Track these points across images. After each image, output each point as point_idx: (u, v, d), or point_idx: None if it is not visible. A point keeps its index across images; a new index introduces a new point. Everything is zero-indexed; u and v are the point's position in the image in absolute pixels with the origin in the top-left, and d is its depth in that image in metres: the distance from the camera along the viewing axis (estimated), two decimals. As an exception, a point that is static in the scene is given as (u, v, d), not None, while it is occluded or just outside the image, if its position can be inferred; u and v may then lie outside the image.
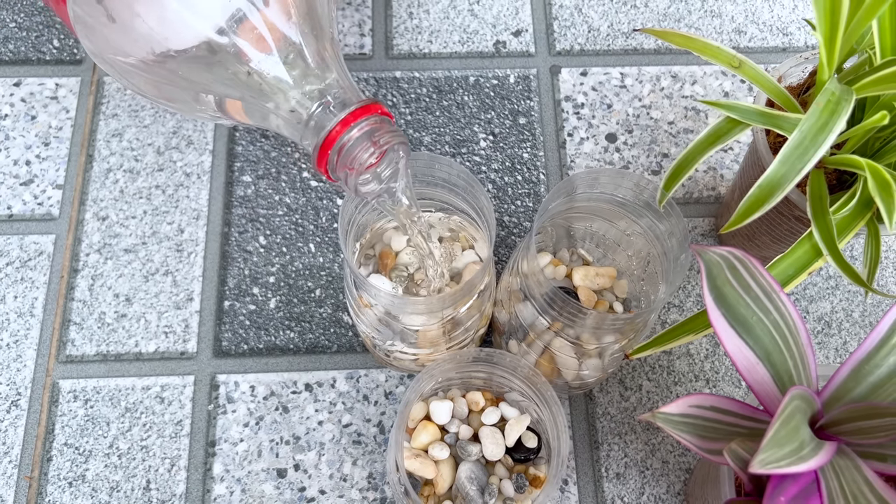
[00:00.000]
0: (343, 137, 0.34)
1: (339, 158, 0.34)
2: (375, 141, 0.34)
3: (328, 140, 0.34)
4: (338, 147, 0.34)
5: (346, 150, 0.34)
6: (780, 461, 0.28)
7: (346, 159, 0.34)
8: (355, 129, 0.34)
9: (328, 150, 0.34)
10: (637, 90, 0.55)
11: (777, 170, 0.31)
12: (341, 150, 0.34)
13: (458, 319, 0.40)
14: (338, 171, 0.35)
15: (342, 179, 0.35)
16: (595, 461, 0.45)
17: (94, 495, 0.44)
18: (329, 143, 0.34)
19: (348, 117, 0.34)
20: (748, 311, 0.32)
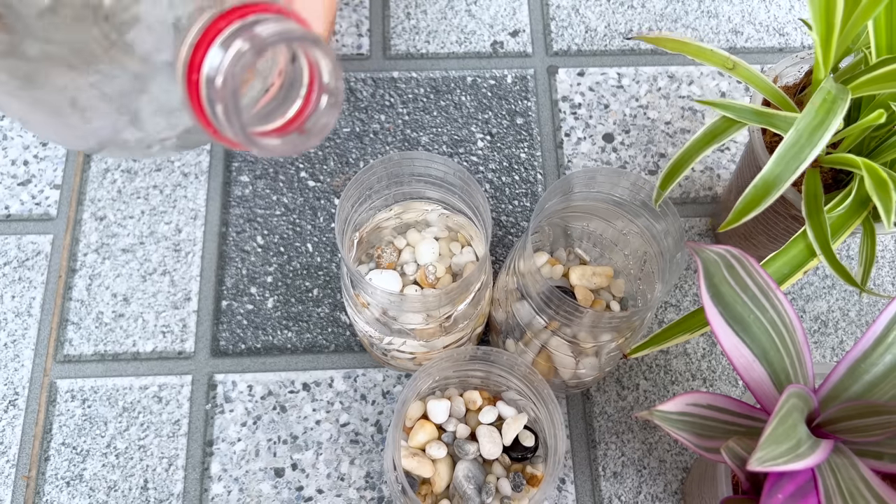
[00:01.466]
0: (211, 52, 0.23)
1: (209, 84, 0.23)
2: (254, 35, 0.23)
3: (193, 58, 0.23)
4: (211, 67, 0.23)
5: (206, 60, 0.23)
6: (777, 459, 0.28)
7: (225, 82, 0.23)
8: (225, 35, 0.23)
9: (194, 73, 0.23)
10: (634, 90, 0.55)
11: (773, 169, 0.32)
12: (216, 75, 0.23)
13: (455, 318, 0.40)
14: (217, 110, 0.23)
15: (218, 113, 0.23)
16: (592, 460, 0.45)
17: (91, 495, 0.44)
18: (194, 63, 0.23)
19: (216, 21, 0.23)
20: (745, 310, 0.32)
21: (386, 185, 0.39)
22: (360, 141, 0.53)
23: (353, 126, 0.53)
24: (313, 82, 0.25)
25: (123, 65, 0.25)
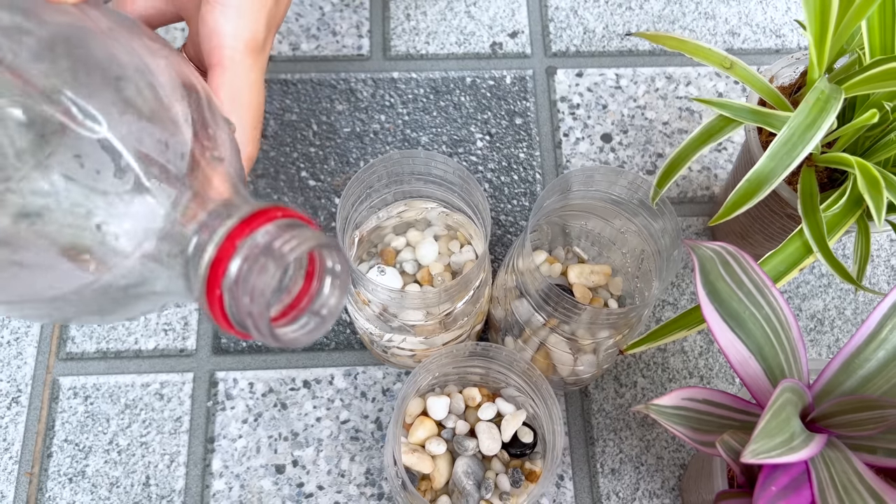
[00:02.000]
0: (232, 265, 0.22)
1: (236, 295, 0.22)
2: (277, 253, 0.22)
3: (213, 272, 0.22)
4: (229, 281, 0.22)
5: (242, 283, 0.22)
6: (770, 451, 0.28)
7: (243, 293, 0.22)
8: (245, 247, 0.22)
9: (216, 288, 0.22)
10: (632, 91, 0.55)
11: (766, 164, 0.32)
12: (238, 283, 0.22)
13: (454, 315, 0.40)
14: (242, 316, 0.22)
15: (249, 327, 0.23)
16: (590, 457, 0.46)
17: (94, 491, 0.45)
18: (214, 277, 0.22)
19: (232, 233, 0.22)
20: (741, 306, 0.32)
21: (386, 183, 0.39)
22: (360, 141, 0.53)
23: (353, 126, 0.53)
24: (313, 266, 0.24)
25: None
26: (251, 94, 0.31)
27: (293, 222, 0.23)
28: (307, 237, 0.22)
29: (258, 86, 0.32)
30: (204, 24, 0.31)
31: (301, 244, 0.22)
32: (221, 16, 0.31)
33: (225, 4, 0.31)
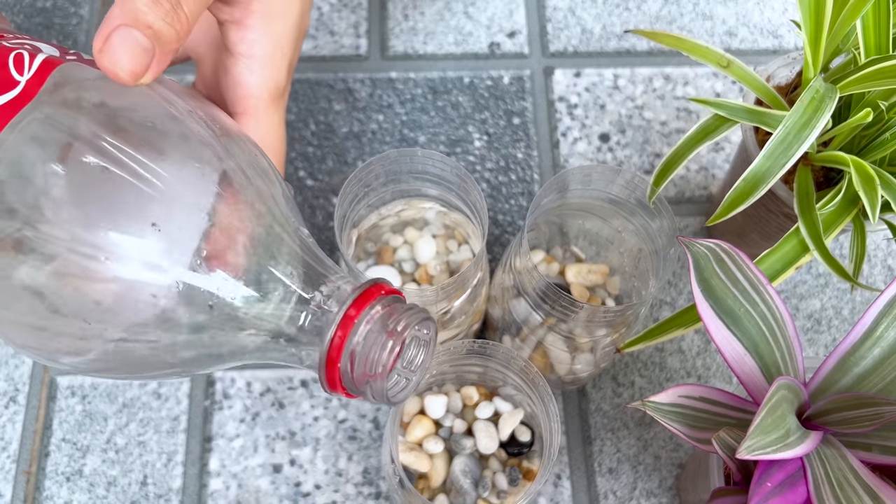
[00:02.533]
0: (350, 342, 0.26)
1: (355, 370, 0.26)
2: (391, 330, 0.26)
3: (332, 353, 0.26)
4: (347, 357, 0.26)
5: (359, 356, 0.26)
6: (766, 448, 0.28)
7: (362, 368, 0.26)
8: (362, 326, 0.26)
9: (336, 365, 0.26)
10: (630, 91, 0.56)
11: (762, 163, 0.32)
12: (353, 360, 0.26)
13: (452, 313, 0.40)
14: (358, 386, 0.27)
15: (367, 393, 0.27)
16: (588, 456, 0.46)
17: (91, 490, 0.45)
18: (334, 356, 0.26)
19: (348, 313, 0.26)
20: (736, 304, 0.32)
21: (384, 182, 0.39)
22: (357, 140, 0.53)
23: (351, 126, 0.54)
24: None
25: None
26: (276, 137, 0.34)
27: (395, 298, 0.27)
28: (413, 314, 0.27)
29: (281, 128, 0.34)
30: (228, 75, 0.33)
31: (411, 321, 0.26)
32: (246, 69, 0.32)
33: (250, 57, 0.32)
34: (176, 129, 0.27)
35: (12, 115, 0.25)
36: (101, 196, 0.25)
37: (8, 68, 0.26)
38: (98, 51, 0.25)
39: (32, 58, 0.27)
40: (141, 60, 0.25)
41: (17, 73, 0.26)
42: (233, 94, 0.33)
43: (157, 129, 0.27)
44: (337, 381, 0.27)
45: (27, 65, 0.26)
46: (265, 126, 0.34)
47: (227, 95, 0.34)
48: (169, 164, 0.26)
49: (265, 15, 0.32)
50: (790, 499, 0.30)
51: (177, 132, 0.27)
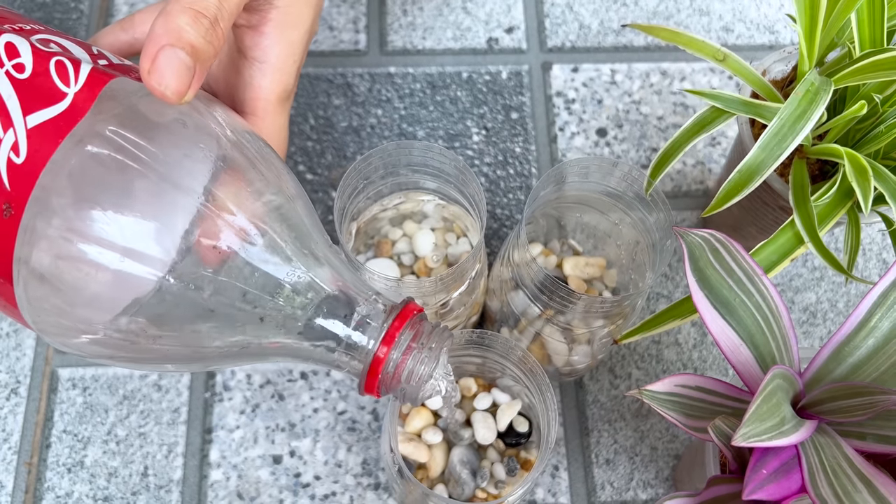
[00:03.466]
0: (392, 356, 0.29)
1: (393, 379, 0.30)
2: (427, 346, 0.30)
3: (375, 364, 0.29)
4: (390, 368, 0.30)
5: (405, 370, 0.30)
6: (761, 435, 0.29)
7: (400, 378, 0.30)
8: (402, 344, 0.30)
9: (378, 375, 0.30)
10: (627, 86, 0.56)
11: (757, 155, 0.32)
12: (398, 371, 0.30)
13: (450, 306, 0.40)
14: (391, 391, 0.31)
15: (399, 396, 0.31)
16: (585, 447, 0.46)
17: (92, 481, 0.45)
18: (376, 366, 0.29)
19: (391, 331, 0.29)
20: (731, 294, 0.33)
21: (382, 175, 0.39)
22: (357, 135, 0.53)
23: (350, 120, 0.54)
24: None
25: None
26: (280, 136, 0.35)
27: (422, 316, 0.31)
28: (442, 333, 0.31)
29: (285, 129, 0.36)
30: (239, 77, 0.34)
31: (441, 340, 0.30)
32: (259, 73, 0.34)
33: (263, 62, 0.33)
34: (190, 122, 0.28)
35: (66, 129, 0.26)
36: (95, 178, 0.26)
37: (51, 77, 0.26)
38: (147, 72, 0.26)
39: (76, 67, 0.27)
40: (185, 80, 0.27)
41: (62, 84, 0.26)
42: (242, 94, 0.34)
43: (167, 124, 0.28)
44: (374, 388, 0.30)
45: (72, 75, 0.27)
46: (271, 126, 0.35)
47: (236, 95, 0.35)
48: (171, 147, 0.27)
49: (281, 24, 0.33)
50: (785, 486, 0.30)
51: (192, 124, 0.28)
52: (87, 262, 0.26)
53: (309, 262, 0.29)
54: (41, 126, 0.26)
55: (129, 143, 0.26)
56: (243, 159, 0.29)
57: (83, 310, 0.27)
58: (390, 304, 0.30)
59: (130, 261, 0.26)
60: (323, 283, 0.29)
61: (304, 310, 0.29)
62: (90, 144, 0.26)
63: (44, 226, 0.26)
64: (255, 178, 0.29)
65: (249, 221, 0.28)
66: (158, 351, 0.28)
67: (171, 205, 0.27)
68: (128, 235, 0.26)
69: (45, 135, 0.26)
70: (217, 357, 0.30)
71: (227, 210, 0.27)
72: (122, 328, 0.27)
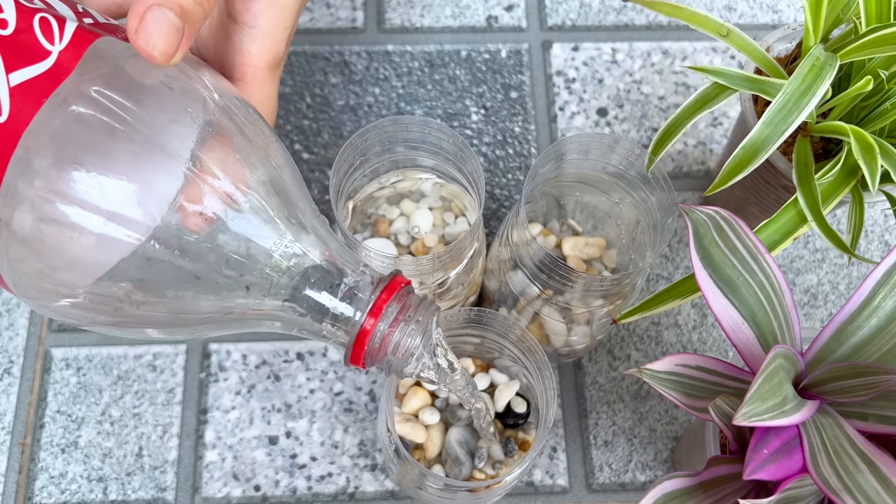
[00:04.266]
0: (379, 328, 0.29)
1: (379, 351, 0.30)
2: (414, 319, 0.30)
3: (361, 335, 0.29)
4: (377, 340, 0.29)
5: (391, 342, 0.29)
6: (762, 415, 0.28)
7: (387, 350, 0.30)
8: (389, 316, 0.29)
9: (364, 346, 0.29)
10: (628, 65, 0.55)
11: (761, 131, 0.32)
12: (384, 343, 0.29)
13: (448, 285, 0.40)
14: (377, 363, 0.30)
15: (385, 368, 0.31)
16: (583, 429, 0.46)
17: (86, 461, 0.44)
18: (363, 338, 0.29)
19: (378, 303, 0.29)
20: (734, 272, 0.32)
21: (380, 151, 0.39)
22: (354, 114, 0.53)
23: (347, 99, 0.53)
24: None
25: None
26: (269, 104, 0.34)
27: (409, 289, 0.30)
28: (429, 306, 0.30)
29: (274, 96, 0.35)
30: (229, 42, 0.33)
31: (428, 313, 0.30)
32: (248, 38, 0.33)
33: (252, 27, 0.33)
34: (177, 85, 0.28)
35: (50, 88, 0.25)
36: (79, 140, 0.26)
37: (35, 34, 0.26)
38: (134, 31, 0.26)
39: (61, 25, 0.26)
40: (173, 41, 0.26)
41: (46, 42, 0.26)
42: (231, 60, 0.34)
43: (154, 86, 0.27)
44: (360, 359, 0.30)
45: (57, 33, 0.26)
46: (259, 94, 0.34)
47: (225, 60, 0.34)
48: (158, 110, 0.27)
49: None
50: (786, 466, 0.30)
51: (179, 87, 0.27)
52: (70, 225, 0.25)
53: (296, 231, 0.29)
54: (24, 85, 0.25)
55: (115, 104, 0.26)
56: (231, 125, 0.28)
57: (65, 273, 0.27)
58: (378, 276, 0.30)
59: (114, 224, 0.25)
60: (310, 253, 0.29)
61: (290, 279, 0.29)
62: (75, 104, 0.25)
63: (26, 187, 0.25)
64: (242, 144, 0.28)
65: (236, 187, 0.27)
66: (141, 316, 0.28)
67: (156, 168, 0.26)
68: (111, 198, 0.25)
69: (28, 94, 0.25)
70: (201, 323, 0.29)
71: (214, 175, 0.27)
72: (104, 292, 0.27)
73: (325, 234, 0.30)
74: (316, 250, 0.29)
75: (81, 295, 0.27)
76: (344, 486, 0.44)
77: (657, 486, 0.31)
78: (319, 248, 0.29)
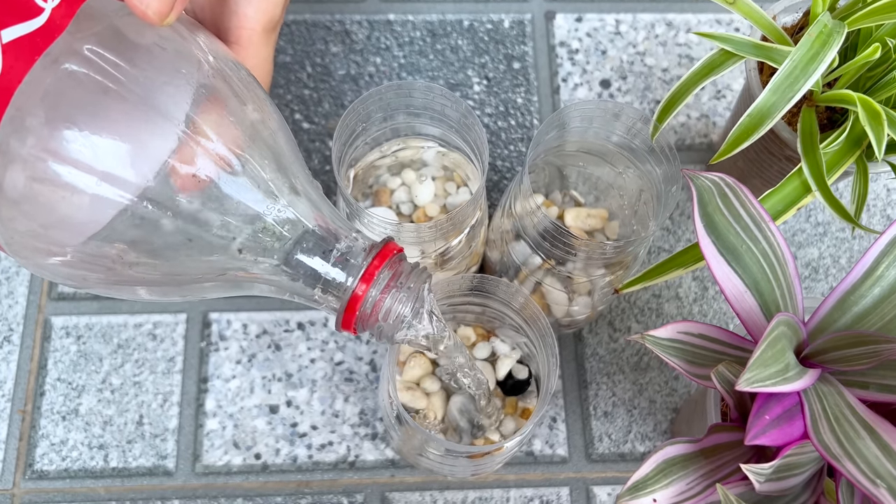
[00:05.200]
0: (371, 293, 0.29)
1: (370, 317, 0.30)
2: (406, 286, 0.30)
3: (353, 301, 0.29)
4: (368, 306, 0.29)
5: (383, 307, 0.30)
6: (765, 381, 0.28)
7: (378, 316, 0.30)
8: (381, 282, 0.29)
9: (355, 312, 0.29)
10: (632, 37, 0.55)
11: (767, 98, 0.32)
12: (375, 309, 0.29)
13: (449, 254, 0.40)
14: (368, 328, 0.30)
15: (376, 333, 0.31)
16: (583, 400, 0.46)
17: (87, 429, 0.45)
18: (354, 303, 0.29)
19: (370, 269, 0.29)
20: (738, 240, 0.32)
21: (382, 118, 0.38)
22: (355, 83, 0.52)
23: (348, 68, 0.53)
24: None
25: None
26: (264, 68, 0.34)
27: (401, 256, 0.30)
28: (420, 273, 0.30)
29: (270, 60, 0.35)
30: (224, 4, 0.33)
31: (420, 280, 0.30)
32: (244, 0, 0.32)
33: None
34: (172, 46, 0.27)
35: (42, 45, 0.25)
36: (72, 98, 0.25)
37: None
38: None
39: None
40: (167, 0, 0.26)
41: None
42: (227, 22, 0.33)
43: (148, 46, 0.27)
44: (351, 325, 0.30)
45: None
46: (255, 58, 0.34)
47: (220, 23, 0.33)
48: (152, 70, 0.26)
49: None
50: (787, 432, 0.30)
51: (173, 48, 0.27)
52: (62, 184, 0.25)
53: (289, 195, 0.29)
54: (17, 42, 0.25)
55: (108, 63, 0.25)
56: (226, 87, 0.28)
57: (57, 232, 0.26)
58: (370, 243, 0.30)
59: (106, 184, 0.25)
60: (303, 218, 0.29)
61: (283, 243, 0.28)
62: (67, 63, 0.25)
63: (18, 145, 0.25)
64: (237, 107, 0.28)
65: (230, 150, 0.27)
66: (133, 276, 0.28)
67: (150, 129, 0.26)
68: (104, 157, 0.25)
69: (20, 51, 0.25)
70: (193, 285, 0.29)
71: (208, 137, 0.27)
72: (96, 252, 0.27)
73: (319, 200, 0.30)
74: (309, 216, 0.29)
75: (73, 254, 0.27)
76: (344, 455, 0.44)
77: (659, 451, 0.31)
78: (312, 213, 0.29)
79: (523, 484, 0.44)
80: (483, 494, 0.44)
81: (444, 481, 0.44)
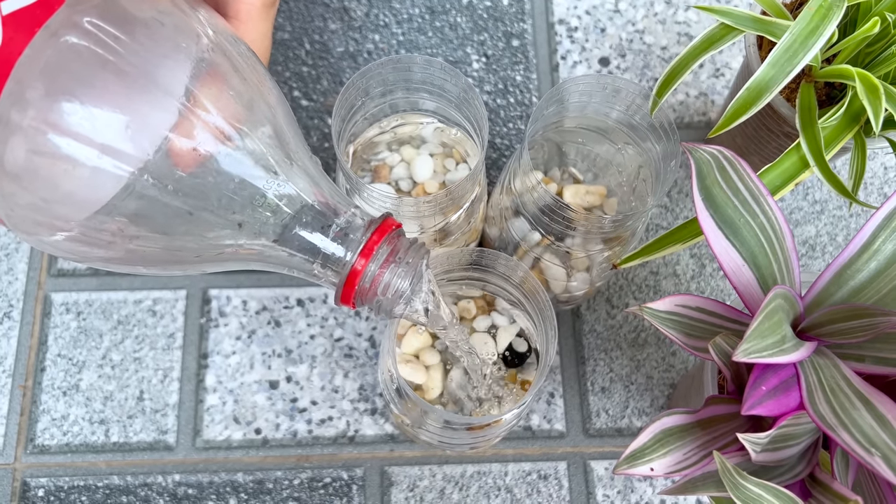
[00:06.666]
0: (370, 268, 0.29)
1: (370, 291, 0.30)
2: (405, 261, 0.30)
3: (352, 275, 0.29)
4: (367, 281, 0.30)
5: (381, 282, 0.30)
6: (762, 352, 0.29)
7: (377, 290, 0.30)
8: (380, 257, 0.30)
9: (354, 286, 0.30)
10: (631, 15, 0.55)
11: (767, 72, 0.32)
12: (374, 284, 0.30)
13: (448, 230, 0.40)
14: (367, 302, 0.31)
15: (374, 308, 0.31)
16: (581, 375, 0.46)
17: (88, 404, 0.45)
18: (353, 278, 0.29)
19: (369, 244, 0.29)
20: (736, 213, 0.32)
21: (382, 92, 0.38)
22: (353, 61, 0.52)
23: (346, 46, 0.52)
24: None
25: None
26: (262, 43, 0.34)
27: (400, 231, 0.31)
28: (419, 248, 0.31)
29: (269, 35, 0.35)
30: None
31: (418, 255, 0.30)
32: None
33: None
34: (171, 20, 0.27)
35: (42, 18, 0.25)
36: (72, 71, 0.25)
37: None
38: None
39: None
40: None
41: None
42: None
43: (147, 19, 0.27)
44: (350, 299, 0.30)
45: None
46: (254, 32, 0.34)
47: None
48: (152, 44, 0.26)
49: None
50: (784, 402, 0.30)
51: (172, 22, 0.27)
52: (62, 157, 0.25)
53: (289, 171, 0.29)
54: (17, 14, 0.25)
55: (108, 36, 0.25)
56: (225, 62, 0.28)
57: (58, 206, 0.26)
58: (369, 218, 0.30)
59: (107, 157, 0.25)
60: (302, 193, 0.29)
61: (282, 218, 0.29)
62: (67, 35, 0.25)
63: (18, 118, 0.25)
64: (236, 81, 0.28)
65: (229, 124, 0.27)
66: (134, 251, 0.28)
67: (149, 102, 0.26)
68: (104, 130, 0.25)
69: (20, 23, 0.25)
70: (193, 260, 0.29)
71: (207, 111, 0.27)
72: (97, 226, 0.27)
73: (318, 175, 0.30)
74: (308, 191, 0.29)
75: (75, 229, 0.27)
76: (344, 430, 0.45)
77: (656, 421, 0.31)
78: (312, 188, 0.30)
79: (521, 458, 0.45)
80: (481, 468, 0.44)
81: (443, 455, 0.44)
